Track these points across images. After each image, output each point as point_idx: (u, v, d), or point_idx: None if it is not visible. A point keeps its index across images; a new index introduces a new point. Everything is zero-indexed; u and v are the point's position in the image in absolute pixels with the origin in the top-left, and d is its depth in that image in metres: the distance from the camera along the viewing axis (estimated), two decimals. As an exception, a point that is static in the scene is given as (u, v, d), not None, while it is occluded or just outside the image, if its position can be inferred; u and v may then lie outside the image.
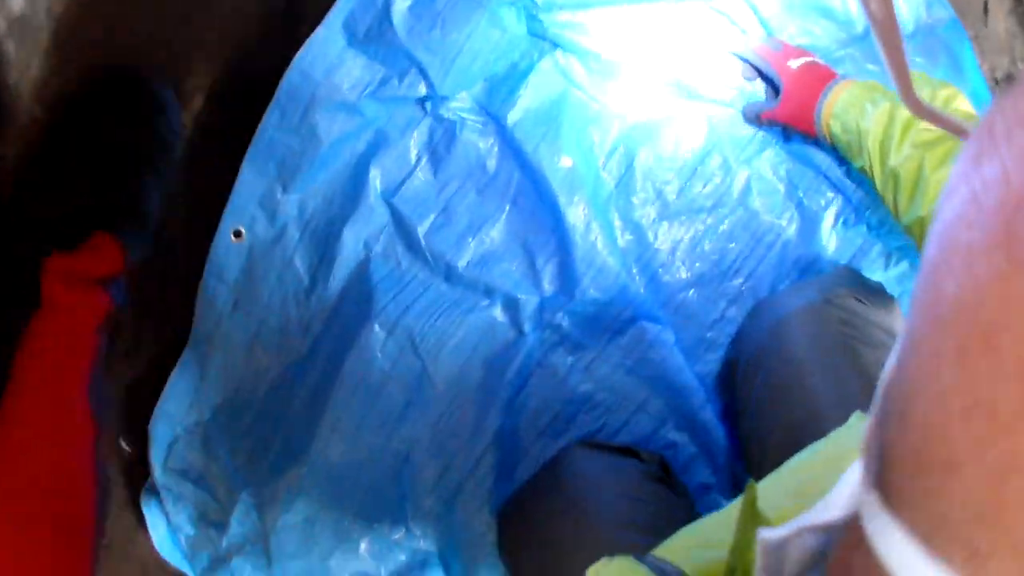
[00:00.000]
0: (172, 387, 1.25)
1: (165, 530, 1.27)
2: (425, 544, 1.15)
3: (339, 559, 1.15)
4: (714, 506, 1.13)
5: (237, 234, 1.19)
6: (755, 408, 1.02)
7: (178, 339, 1.28)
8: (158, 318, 1.37)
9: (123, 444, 1.40)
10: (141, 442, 1.30)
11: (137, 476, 1.37)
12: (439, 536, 1.14)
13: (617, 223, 1.18)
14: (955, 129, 0.44)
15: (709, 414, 1.12)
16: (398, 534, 1.14)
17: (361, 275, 1.16)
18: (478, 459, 1.13)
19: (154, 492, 1.28)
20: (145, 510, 1.29)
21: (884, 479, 0.31)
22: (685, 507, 1.04)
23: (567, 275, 1.16)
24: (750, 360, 1.05)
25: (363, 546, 1.15)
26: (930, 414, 0.28)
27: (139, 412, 1.32)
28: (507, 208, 1.17)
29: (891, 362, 0.33)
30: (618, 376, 1.14)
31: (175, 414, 1.25)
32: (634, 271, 1.17)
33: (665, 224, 1.18)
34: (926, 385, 0.29)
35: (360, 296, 1.15)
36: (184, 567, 1.28)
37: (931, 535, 0.28)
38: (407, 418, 1.14)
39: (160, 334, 1.37)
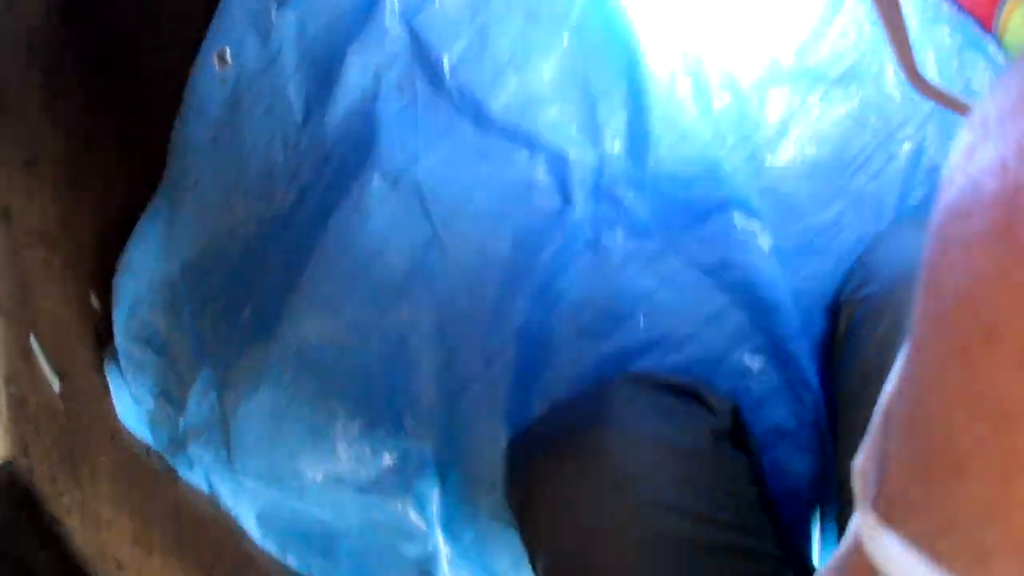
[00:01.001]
0: (138, 236, 1.05)
1: (129, 400, 1.10)
2: (419, 444, 0.90)
3: (310, 459, 0.93)
4: (785, 460, 0.87)
5: (222, 58, 0.96)
6: (862, 380, 0.77)
7: (153, 184, 1.09)
8: (132, 159, 1.20)
9: (93, 300, 1.24)
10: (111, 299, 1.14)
11: (106, 336, 1.21)
12: (436, 438, 0.90)
13: (713, 76, 0.88)
14: (960, 108, 0.47)
15: (801, 344, 0.84)
16: (384, 431, 0.91)
17: (365, 112, 0.90)
18: (494, 353, 0.87)
19: (117, 358, 1.10)
20: (109, 376, 1.13)
21: (883, 495, 0.31)
22: (751, 471, 0.78)
23: (639, 134, 0.87)
24: (867, 311, 0.80)
25: (341, 445, 0.92)
26: (936, 415, 0.28)
27: (110, 265, 1.16)
28: (565, 38, 0.88)
29: (895, 372, 0.32)
30: (691, 275, 0.86)
31: (141, 267, 1.05)
32: (729, 143, 0.87)
33: (776, 89, 0.87)
34: (932, 386, 0.28)
35: (361, 138, 0.90)
36: (148, 439, 1.12)
37: (935, 541, 0.28)
38: (407, 294, 0.88)
39: (133, 178, 1.19)
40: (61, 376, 1.31)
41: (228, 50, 0.95)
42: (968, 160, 0.27)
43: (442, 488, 0.92)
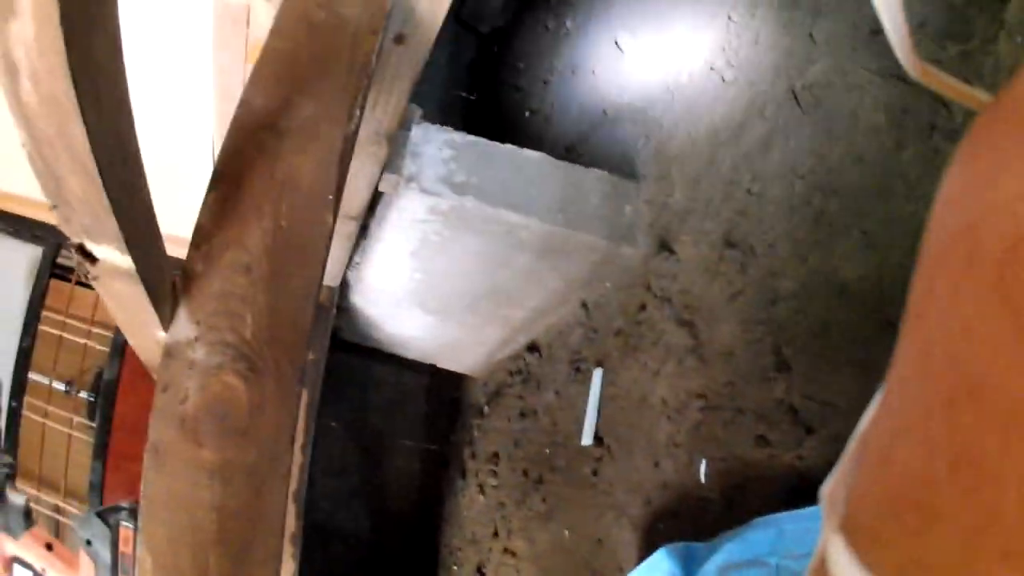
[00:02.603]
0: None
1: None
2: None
3: None
4: None
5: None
6: None
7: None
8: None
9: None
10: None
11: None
12: None
13: None
14: (962, 96, 0.43)
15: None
16: None
17: None
18: None
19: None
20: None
21: (849, 522, 0.32)
22: None
23: None
24: None
25: None
26: (915, 460, 0.28)
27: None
28: None
29: (873, 405, 0.33)
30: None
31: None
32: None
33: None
34: (912, 431, 0.29)
35: None
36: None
37: None
38: None
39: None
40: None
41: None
42: (961, 200, 0.27)
43: None
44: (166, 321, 0.94)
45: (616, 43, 2.60)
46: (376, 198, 2.31)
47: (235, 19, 1.62)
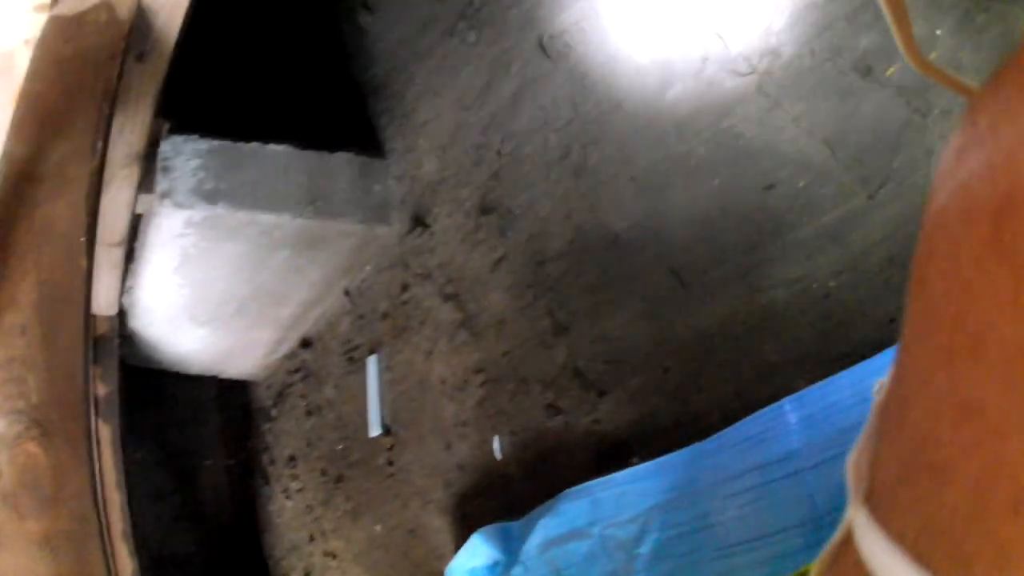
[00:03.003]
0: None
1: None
2: None
3: None
4: None
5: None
6: None
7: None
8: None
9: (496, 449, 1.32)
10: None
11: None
12: None
13: None
14: (961, 89, 0.46)
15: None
16: None
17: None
18: None
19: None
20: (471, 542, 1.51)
21: (873, 492, 0.32)
22: None
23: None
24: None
25: None
26: (923, 419, 0.28)
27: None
28: None
29: (888, 374, 0.32)
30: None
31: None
32: None
33: None
34: (919, 390, 0.29)
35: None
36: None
37: (919, 541, 0.28)
38: None
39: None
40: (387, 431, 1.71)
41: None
42: (958, 163, 0.27)
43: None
44: (-33, 400, 0.92)
45: (355, 15, 2.49)
46: (138, 220, 2.19)
47: (1, 70, 1.51)
